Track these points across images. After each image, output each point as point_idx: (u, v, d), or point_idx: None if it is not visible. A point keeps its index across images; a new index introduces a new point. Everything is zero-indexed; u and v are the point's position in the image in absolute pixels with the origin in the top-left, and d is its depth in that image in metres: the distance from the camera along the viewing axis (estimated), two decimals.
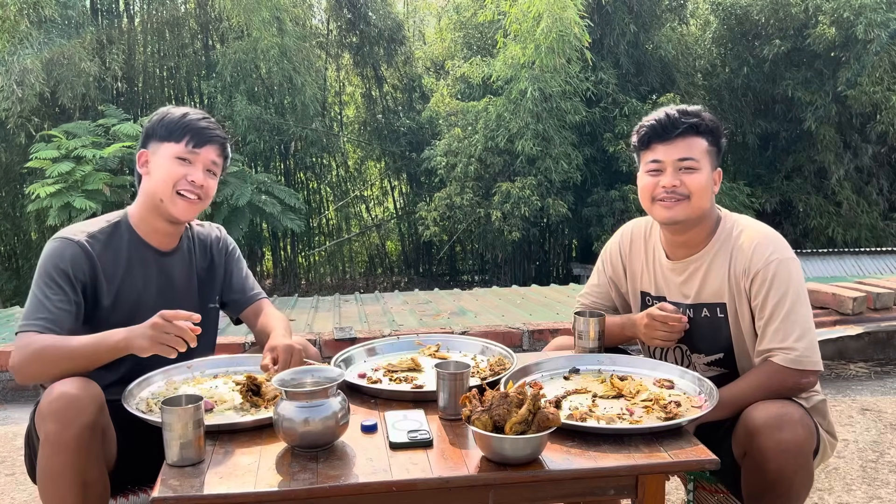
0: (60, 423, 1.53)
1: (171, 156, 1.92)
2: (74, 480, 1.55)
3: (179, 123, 1.94)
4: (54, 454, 1.53)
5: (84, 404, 1.55)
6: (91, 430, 1.55)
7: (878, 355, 4.29)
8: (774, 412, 1.68)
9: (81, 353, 1.70)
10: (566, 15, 12.61)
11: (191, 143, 1.92)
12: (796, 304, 1.82)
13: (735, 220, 1.97)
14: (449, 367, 1.69)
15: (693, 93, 15.32)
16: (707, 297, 1.95)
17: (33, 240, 14.37)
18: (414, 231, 17.40)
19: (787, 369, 1.79)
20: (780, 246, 1.88)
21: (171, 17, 15.46)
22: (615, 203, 13.65)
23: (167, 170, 1.92)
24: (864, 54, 13.27)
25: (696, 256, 1.96)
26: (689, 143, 1.90)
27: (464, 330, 3.93)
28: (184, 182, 1.92)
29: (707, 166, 1.91)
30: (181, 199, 1.92)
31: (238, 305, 2.16)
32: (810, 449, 1.72)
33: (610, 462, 1.45)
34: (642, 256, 2.10)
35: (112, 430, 1.71)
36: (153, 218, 1.96)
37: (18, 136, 12.38)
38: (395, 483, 1.38)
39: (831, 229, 14.57)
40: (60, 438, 1.52)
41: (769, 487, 1.69)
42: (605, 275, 2.21)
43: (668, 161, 1.91)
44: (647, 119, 1.97)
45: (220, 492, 1.35)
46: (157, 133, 1.95)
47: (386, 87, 18.11)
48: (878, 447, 3.03)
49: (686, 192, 1.89)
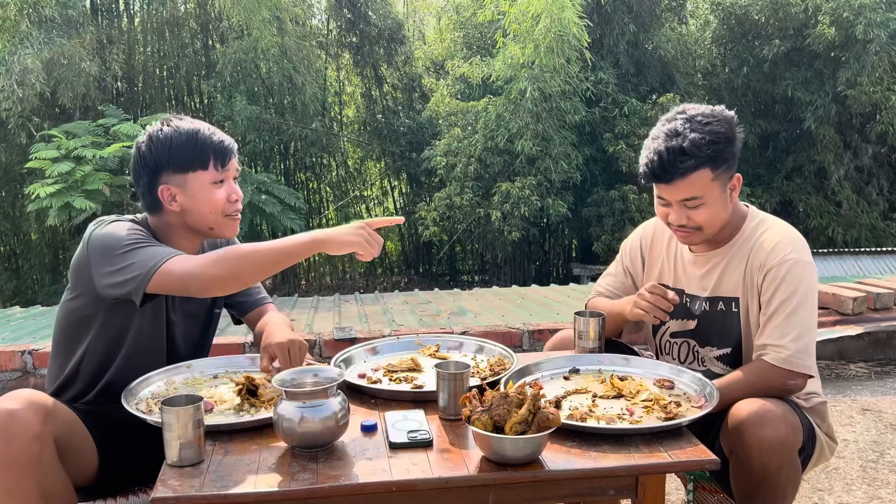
0: (4, 440, 1.48)
1: (207, 184, 1.84)
2: (31, 496, 1.50)
3: (196, 147, 1.83)
4: (4, 472, 1.49)
5: (25, 418, 1.50)
6: (40, 442, 1.51)
7: (878, 355, 4.29)
8: (756, 408, 1.68)
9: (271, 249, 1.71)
10: (564, 15, 12.61)
11: (217, 164, 1.85)
12: (801, 305, 1.81)
13: (761, 218, 1.97)
14: (449, 367, 1.69)
15: (693, 93, 15.32)
16: (724, 290, 1.96)
17: (33, 240, 14.37)
18: (414, 231, 17.39)
19: (775, 368, 1.79)
20: (799, 247, 1.87)
21: (171, 17, 15.45)
22: (615, 203, 13.65)
23: (210, 200, 1.85)
24: (863, 54, 13.26)
25: (718, 251, 1.97)
26: (691, 182, 1.84)
27: (464, 330, 3.93)
28: (229, 205, 1.88)
29: (715, 192, 1.86)
30: (231, 220, 1.90)
31: (243, 308, 2.14)
32: (794, 445, 1.72)
33: (610, 462, 1.45)
34: (664, 250, 2.12)
35: (82, 434, 1.68)
36: (186, 241, 1.90)
37: (19, 136, 12.38)
38: (395, 483, 1.38)
39: (831, 229, 14.56)
40: (7, 455, 1.48)
41: (756, 484, 1.70)
42: (622, 264, 2.23)
43: (673, 200, 1.88)
44: (647, 153, 1.89)
45: (220, 492, 1.35)
46: (171, 164, 1.83)
47: (386, 87, 18.10)
48: (878, 447, 3.03)
49: (696, 225, 1.88)
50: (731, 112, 1.91)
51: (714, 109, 1.90)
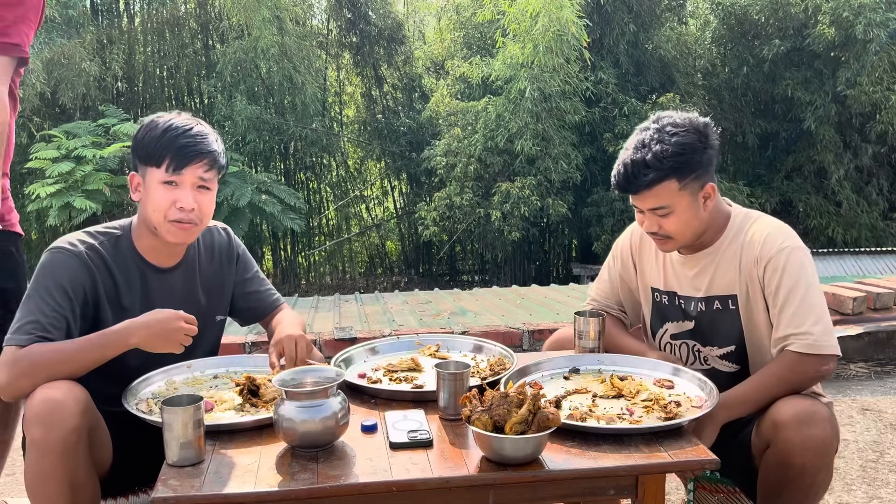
0: (45, 427, 1.52)
1: (157, 182, 1.80)
2: (63, 483, 1.54)
3: (158, 144, 1.79)
4: (41, 458, 1.53)
5: (68, 407, 1.53)
6: (77, 433, 1.54)
7: (878, 355, 4.28)
8: (804, 408, 1.68)
9: (78, 356, 1.66)
10: (563, 14, 12.61)
11: (171, 166, 1.78)
12: (810, 290, 1.82)
13: (746, 214, 1.98)
14: (449, 367, 1.69)
15: (693, 92, 15.33)
16: (718, 289, 1.95)
17: (33, 240, 14.36)
18: (414, 231, 17.40)
19: (805, 357, 1.77)
20: (790, 235, 1.88)
21: (171, 17, 15.47)
22: (615, 203, 13.65)
23: (155, 199, 1.80)
24: (863, 54, 13.27)
25: (707, 251, 1.97)
26: (657, 192, 1.85)
27: (464, 330, 3.93)
28: (174, 210, 1.79)
29: (684, 202, 1.87)
30: (175, 226, 1.81)
31: (257, 314, 2.12)
32: (834, 449, 1.73)
33: (610, 462, 1.45)
34: (652, 252, 2.11)
35: (104, 432, 1.69)
36: (152, 239, 1.88)
37: (19, 136, 12.38)
38: (395, 483, 1.38)
39: (831, 229, 14.57)
40: (46, 442, 1.51)
41: (789, 482, 1.69)
42: (614, 270, 2.21)
43: (643, 207, 1.91)
44: (617, 164, 1.92)
45: (220, 492, 1.35)
46: (139, 154, 1.83)
47: (386, 87, 18.11)
48: (878, 447, 3.03)
49: (666, 233, 1.90)
50: (705, 119, 1.91)
51: (688, 118, 1.89)
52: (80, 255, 1.78)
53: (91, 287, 1.79)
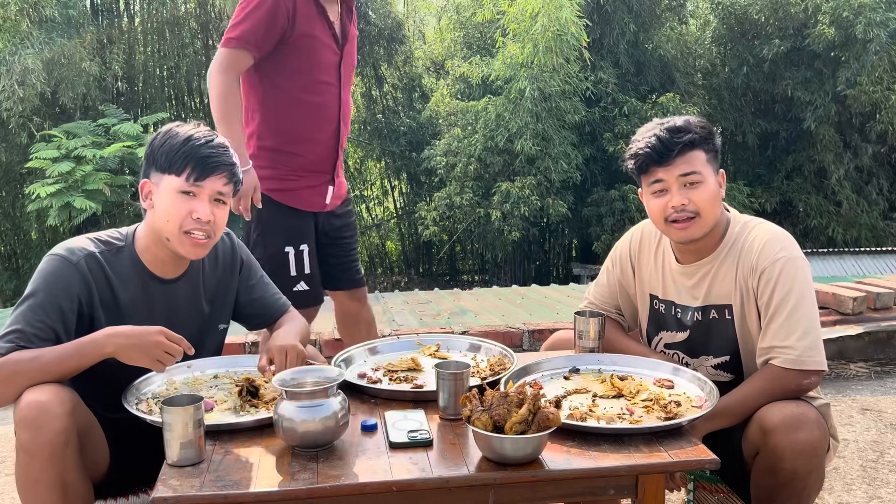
0: (32, 430, 1.51)
1: (174, 190, 1.77)
2: (52, 486, 1.53)
3: (180, 152, 1.76)
4: (29, 461, 1.52)
5: (55, 409, 1.52)
6: (65, 435, 1.53)
7: (878, 355, 4.28)
8: (791, 412, 1.67)
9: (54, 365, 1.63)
10: (562, 14, 12.60)
11: (192, 175, 1.76)
12: (801, 302, 1.79)
13: (745, 221, 1.96)
14: (449, 367, 1.69)
15: (693, 92, 15.33)
16: (715, 298, 1.94)
17: (33, 240, 14.39)
18: (414, 231, 17.40)
19: (787, 371, 1.77)
20: (788, 245, 1.85)
21: (171, 16, 15.46)
22: (615, 203, 13.65)
23: (170, 208, 1.77)
24: (863, 54, 13.27)
25: (706, 260, 1.95)
26: (689, 159, 1.85)
27: (464, 330, 3.93)
28: (189, 221, 1.77)
29: (711, 175, 1.88)
30: (189, 239, 1.78)
31: (264, 320, 2.10)
32: (824, 451, 1.72)
33: (610, 462, 1.45)
34: (651, 259, 2.09)
35: (98, 432, 1.69)
36: (159, 250, 1.84)
37: (19, 135, 12.39)
38: (395, 483, 1.38)
39: (831, 229, 14.57)
40: (33, 445, 1.51)
41: (781, 487, 1.68)
42: (613, 275, 2.19)
43: (672, 179, 1.87)
44: (639, 144, 1.90)
45: (220, 492, 1.35)
46: (157, 162, 1.80)
47: (386, 87, 18.10)
48: (878, 447, 3.03)
49: (695, 209, 1.86)
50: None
51: (688, 118, 1.94)
52: (77, 265, 1.75)
53: (87, 297, 1.76)
